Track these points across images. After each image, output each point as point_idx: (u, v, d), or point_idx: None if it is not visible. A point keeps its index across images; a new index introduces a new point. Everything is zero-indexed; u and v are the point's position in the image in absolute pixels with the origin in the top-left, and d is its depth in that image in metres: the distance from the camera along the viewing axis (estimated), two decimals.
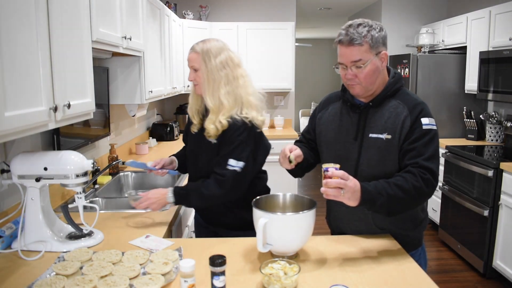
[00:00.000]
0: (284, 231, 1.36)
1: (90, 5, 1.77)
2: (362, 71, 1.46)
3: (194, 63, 1.77)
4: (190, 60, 1.79)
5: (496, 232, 3.13)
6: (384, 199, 1.39)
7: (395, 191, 1.40)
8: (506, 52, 3.34)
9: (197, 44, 1.79)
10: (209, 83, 1.74)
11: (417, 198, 1.45)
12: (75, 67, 1.60)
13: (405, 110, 1.51)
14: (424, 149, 1.46)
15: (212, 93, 1.74)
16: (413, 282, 1.29)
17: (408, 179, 1.42)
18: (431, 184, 1.44)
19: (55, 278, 1.25)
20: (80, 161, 1.57)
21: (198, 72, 1.77)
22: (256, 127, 1.78)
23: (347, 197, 1.34)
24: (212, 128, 1.72)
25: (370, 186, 1.40)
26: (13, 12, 1.17)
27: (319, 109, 1.75)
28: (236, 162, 1.70)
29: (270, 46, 4.88)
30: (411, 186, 1.41)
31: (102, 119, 2.66)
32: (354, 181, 1.36)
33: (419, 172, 1.43)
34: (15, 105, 1.17)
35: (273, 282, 1.21)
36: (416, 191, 1.42)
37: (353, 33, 1.44)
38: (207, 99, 1.75)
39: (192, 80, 1.80)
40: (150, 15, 2.95)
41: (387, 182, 1.42)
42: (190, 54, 1.79)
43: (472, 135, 4.07)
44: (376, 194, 1.39)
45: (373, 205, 1.40)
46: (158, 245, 1.55)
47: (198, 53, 1.76)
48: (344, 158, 1.58)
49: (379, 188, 1.40)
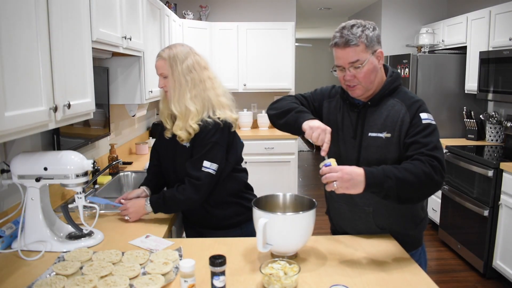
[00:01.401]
0: (284, 231, 1.36)
1: (90, 5, 1.77)
2: (360, 71, 1.46)
3: (162, 70, 1.79)
4: (158, 68, 1.81)
5: (496, 232, 3.13)
6: (392, 182, 1.34)
7: (404, 174, 1.36)
8: (506, 52, 3.34)
9: (163, 51, 1.81)
10: (175, 89, 1.77)
11: (427, 184, 1.39)
12: (75, 67, 1.60)
13: (403, 107, 1.51)
14: (427, 140, 1.44)
15: (178, 99, 1.76)
16: (413, 282, 1.29)
17: (417, 165, 1.39)
18: (439, 172, 1.39)
19: (55, 278, 1.25)
20: (80, 161, 1.57)
21: (167, 78, 1.79)
22: (230, 127, 1.80)
23: (345, 186, 1.31)
24: (182, 133, 1.75)
25: (376, 169, 1.36)
26: (13, 12, 1.17)
27: (327, 96, 1.71)
28: (210, 164, 1.73)
29: (270, 46, 4.88)
30: (420, 170, 1.37)
31: (102, 119, 2.65)
32: (347, 170, 1.32)
33: (427, 159, 1.40)
34: (15, 105, 1.17)
35: (273, 282, 1.21)
36: (426, 176, 1.37)
37: (348, 34, 1.44)
38: (172, 106, 1.77)
39: (162, 87, 1.82)
40: (150, 15, 2.95)
41: (395, 167, 1.39)
42: (158, 62, 1.80)
43: (472, 135, 4.07)
44: (383, 177, 1.34)
45: (381, 189, 1.34)
46: (158, 245, 1.55)
47: (165, 59, 1.78)
48: (343, 156, 1.58)
49: (387, 171, 1.36)
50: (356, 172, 1.33)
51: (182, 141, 1.77)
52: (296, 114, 1.57)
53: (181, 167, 1.81)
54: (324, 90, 1.74)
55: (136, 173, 2.84)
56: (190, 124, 1.73)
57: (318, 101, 1.71)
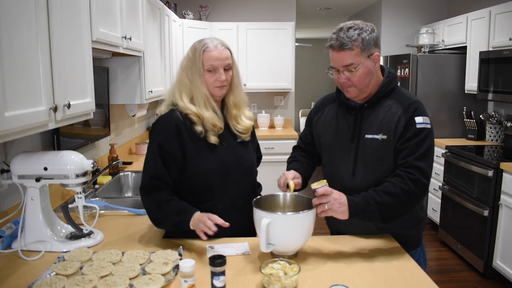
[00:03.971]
0: (286, 231, 1.36)
1: (90, 5, 1.77)
2: (354, 74, 1.47)
3: (230, 61, 1.60)
4: (226, 58, 1.57)
5: (496, 232, 3.13)
6: (373, 208, 1.41)
7: (383, 198, 1.42)
8: (506, 52, 3.34)
9: (220, 41, 1.60)
10: (239, 78, 1.66)
11: (408, 201, 1.46)
12: (75, 67, 1.60)
13: (399, 109, 1.51)
14: (416, 148, 1.46)
15: (241, 87, 1.68)
16: (413, 282, 1.29)
17: (395, 184, 1.44)
18: (421, 185, 1.44)
19: (55, 278, 1.25)
20: (80, 161, 1.57)
21: (230, 70, 1.61)
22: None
23: (335, 209, 1.39)
24: (251, 123, 1.70)
25: (357, 197, 1.43)
26: (13, 12, 1.17)
27: (315, 112, 1.75)
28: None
29: (270, 46, 4.88)
30: (399, 190, 1.43)
31: (102, 119, 2.65)
32: (338, 195, 1.41)
33: (407, 174, 1.44)
34: (15, 105, 1.17)
35: (273, 282, 1.21)
36: (406, 194, 1.43)
37: (343, 37, 1.44)
38: (236, 96, 1.64)
39: (224, 81, 1.58)
40: (150, 15, 2.95)
41: (374, 190, 1.45)
42: (225, 51, 1.58)
43: (472, 135, 4.07)
44: (364, 204, 1.41)
45: (364, 215, 1.42)
46: (234, 250, 1.50)
47: (229, 49, 1.61)
48: (341, 160, 1.59)
49: (367, 198, 1.43)
50: (343, 198, 1.41)
51: (246, 136, 1.69)
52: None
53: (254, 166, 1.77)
54: (311, 112, 1.78)
55: (136, 173, 2.83)
56: (245, 113, 1.70)
57: (310, 127, 1.76)
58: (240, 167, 1.63)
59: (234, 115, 1.65)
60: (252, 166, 1.72)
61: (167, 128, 1.55)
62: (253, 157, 1.73)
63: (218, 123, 1.58)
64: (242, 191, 1.64)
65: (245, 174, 1.65)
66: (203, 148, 1.57)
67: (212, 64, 1.55)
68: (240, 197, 1.62)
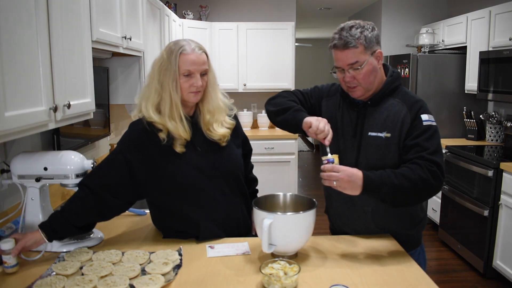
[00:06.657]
0: (286, 231, 1.36)
1: (90, 5, 1.77)
2: (360, 72, 1.47)
3: (207, 66, 1.52)
4: (203, 63, 1.50)
5: (496, 232, 3.13)
6: (389, 189, 1.39)
7: (400, 181, 1.39)
8: (506, 52, 3.34)
9: (196, 43, 1.53)
10: (215, 84, 1.59)
11: (423, 190, 1.43)
12: (75, 67, 1.60)
13: (404, 108, 1.51)
14: (428, 144, 1.45)
15: (215, 95, 1.58)
16: (413, 282, 1.29)
17: (414, 170, 1.41)
18: (438, 177, 1.42)
19: (55, 278, 1.25)
20: (80, 161, 1.57)
21: (206, 75, 1.54)
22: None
23: (343, 187, 1.37)
24: (227, 131, 1.58)
25: (374, 175, 1.40)
26: (13, 12, 1.17)
27: (326, 95, 1.69)
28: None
29: (270, 46, 4.88)
30: (417, 176, 1.40)
31: (102, 119, 2.65)
32: (348, 172, 1.37)
33: (426, 164, 1.42)
34: (15, 105, 1.17)
35: (273, 282, 1.21)
36: (423, 182, 1.40)
37: (347, 36, 1.44)
38: (210, 102, 1.56)
39: (200, 87, 1.51)
40: (150, 15, 2.95)
41: (393, 172, 1.42)
42: (202, 55, 1.51)
43: (472, 135, 4.07)
44: (380, 183, 1.39)
45: (377, 194, 1.40)
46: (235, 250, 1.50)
47: (206, 53, 1.54)
48: (343, 154, 1.58)
49: (384, 177, 1.40)
50: (356, 175, 1.38)
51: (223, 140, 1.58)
52: (293, 113, 1.57)
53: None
54: (324, 88, 1.72)
55: None
56: (225, 119, 1.60)
57: (316, 99, 1.70)
58: (215, 171, 1.55)
59: (206, 122, 1.55)
60: (232, 167, 1.61)
61: (131, 139, 1.55)
62: (234, 158, 1.63)
63: (182, 134, 1.48)
64: (229, 192, 1.59)
65: (225, 177, 1.58)
66: (171, 155, 1.50)
67: (189, 68, 1.46)
68: (228, 198, 1.58)
